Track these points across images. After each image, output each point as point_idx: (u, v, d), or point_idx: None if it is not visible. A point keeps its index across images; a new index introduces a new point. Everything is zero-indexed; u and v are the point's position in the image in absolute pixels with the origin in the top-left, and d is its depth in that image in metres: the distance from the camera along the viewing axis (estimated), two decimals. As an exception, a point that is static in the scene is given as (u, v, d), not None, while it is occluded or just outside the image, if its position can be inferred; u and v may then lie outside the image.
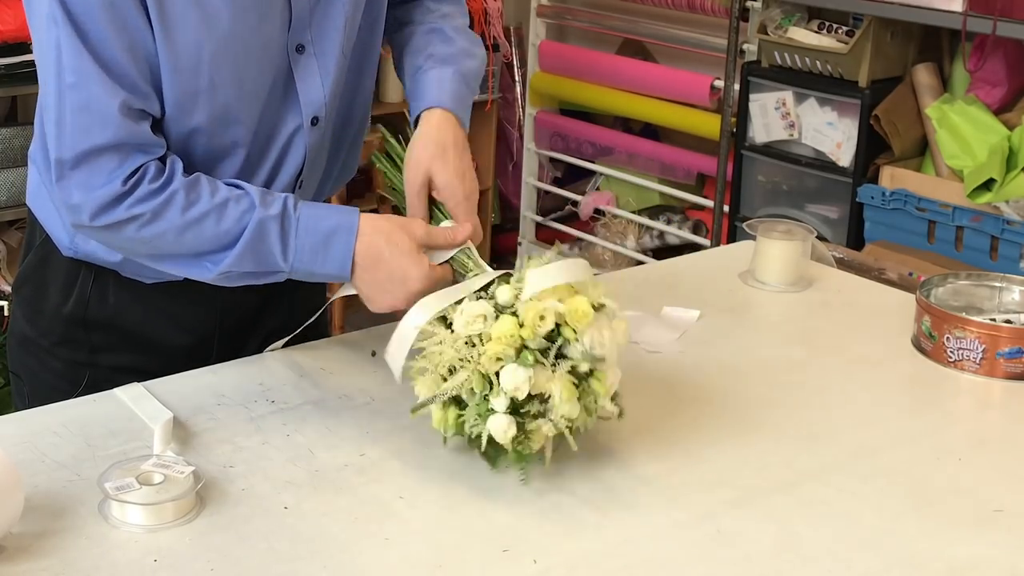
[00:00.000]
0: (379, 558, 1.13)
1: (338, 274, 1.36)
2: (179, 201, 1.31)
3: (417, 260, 1.34)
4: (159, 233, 1.32)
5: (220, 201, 1.32)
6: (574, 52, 4.21)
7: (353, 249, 1.34)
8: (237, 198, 1.33)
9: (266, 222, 1.32)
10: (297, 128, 1.44)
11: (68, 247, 1.47)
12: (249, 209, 1.32)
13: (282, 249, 1.33)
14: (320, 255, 1.34)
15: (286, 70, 1.41)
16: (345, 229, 1.34)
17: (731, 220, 3.56)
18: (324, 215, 1.35)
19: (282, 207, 1.34)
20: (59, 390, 1.47)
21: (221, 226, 1.32)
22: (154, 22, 1.29)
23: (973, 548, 1.19)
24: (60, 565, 1.10)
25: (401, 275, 1.34)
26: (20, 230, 3.33)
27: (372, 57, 1.54)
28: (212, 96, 1.35)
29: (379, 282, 1.35)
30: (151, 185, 1.31)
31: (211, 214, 1.32)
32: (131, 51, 1.29)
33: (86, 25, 1.27)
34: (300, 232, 1.33)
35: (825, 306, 1.79)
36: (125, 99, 1.29)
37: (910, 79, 3.22)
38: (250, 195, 1.34)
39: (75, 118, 1.28)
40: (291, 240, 1.33)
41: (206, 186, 1.33)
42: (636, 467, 1.31)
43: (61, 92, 1.29)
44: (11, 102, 3.44)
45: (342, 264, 1.34)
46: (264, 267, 1.34)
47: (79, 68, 1.27)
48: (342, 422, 1.38)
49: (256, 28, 1.35)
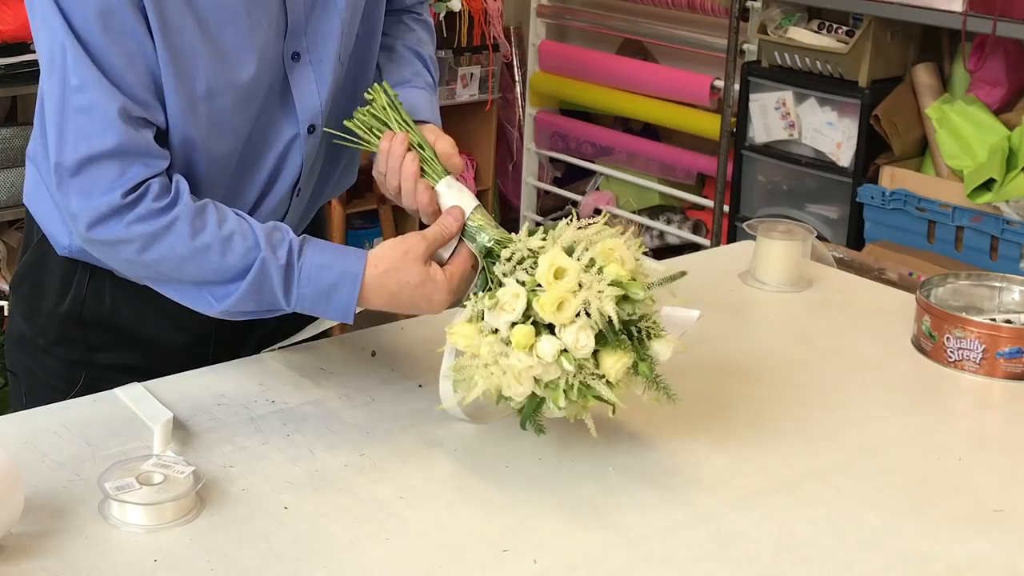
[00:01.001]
0: (379, 558, 1.13)
1: (340, 320, 1.36)
2: (182, 228, 1.30)
3: (433, 284, 1.33)
4: (159, 258, 1.31)
5: (226, 234, 1.31)
6: (574, 52, 4.21)
7: (356, 300, 1.33)
8: (244, 234, 1.31)
9: (270, 268, 1.31)
10: (294, 136, 1.44)
11: (64, 247, 1.47)
12: (254, 247, 1.31)
13: (284, 295, 1.32)
14: (322, 304, 1.34)
15: (282, 78, 1.41)
16: (349, 281, 1.33)
17: (731, 220, 3.56)
18: (328, 265, 1.33)
19: (287, 255, 1.32)
20: (56, 389, 1.47)
21: (225, 260, 1.31)
22: (154, 29, 1.29)
23: (973, 548, 1.19)
24: (60, 565, 1.10)
25: (425, 301, 1.34)
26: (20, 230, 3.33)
27: (370, 65, 1.54)
28: (209, 103, 1.35)
29: (405, 310, 1.36)
30: (154, 204, 1.29)
31: (215, 247, 1.30)
32: (129, 58, 1.29)
33: (85, 33, 1.27)
34: (303, 281, 1.32)
35: (825, 306, 1.79)
36: (124, 104, 1.28)
37: (910, 79, 3.22)
38: (255, 233, 1.32)
39: (77, 121, 1.28)
40: (293, 288, 1.32)
41: (213, 215, 1.31)
42: (636, 467, 1.31)
43: (65, 95, 1.28)
44: (11, 102, 3.44)
45: (344, 313, 1.34)
46: (265, 307, 1.34)
47: (81, 71, 1.27)
48: (342, 422, 1.38)
49: (250, 34, 1.35)
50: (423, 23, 1.65)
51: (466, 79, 4.22)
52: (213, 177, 1.39)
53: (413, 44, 1.60)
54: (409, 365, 1.52)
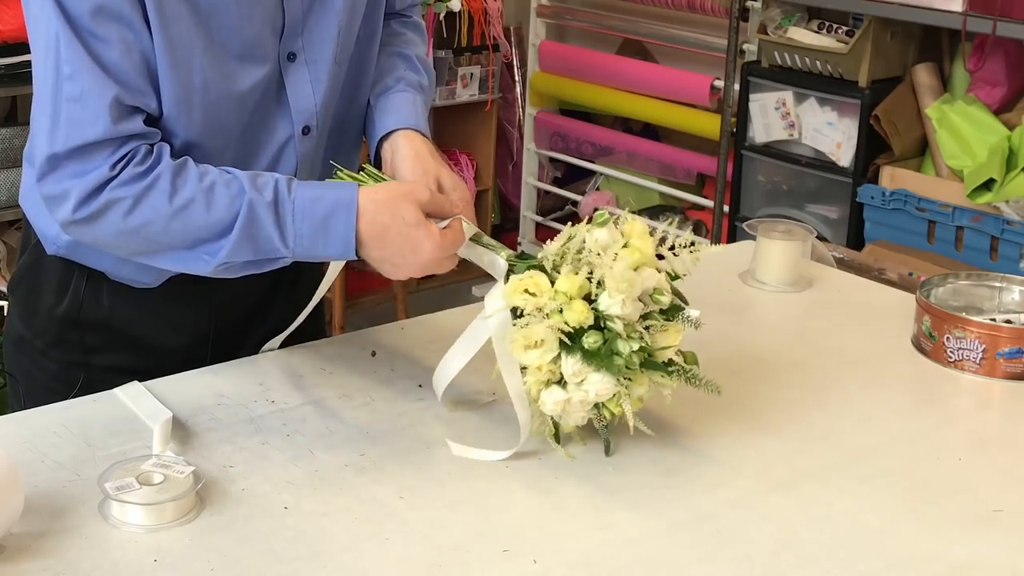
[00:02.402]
0: (379, 558, 1.13)
1: (342, 255, 1.32)
2: (164, 186, 1.28)
3: (426, 230, 1.31)
4: (145, 221, 1.29)
5: (207, 185, 1.29)
6: (574, 52, 4.21)
7: (355, 228, 1.30)
8: (227, 182, 1.30)
9: (258, 208, 1.29)
10: (288, 137, 1.44)
11: (52, 243, 1.46)
12: (239, 193, 1.29)
13: (280, 236, 1.30)
14: (321, 238, 1.31)
15: (277, 77, 1.41)
16: (344, 208, 1.30)
17: (731, 220, 3.56)
18: (321, 195, 1.31)
19: (274, 192, 1.30)
20: (54, 391, 1.47)
21: (212, 213, 1.29)
22: (151, 17, 1.29)
23: (973, 548, 1.19)
24: (60, 565, 1.10)
25: (412, 247, 1.31)
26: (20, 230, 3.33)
27: (369, 68, 1.53)
28: (204, 96, 1.35)
29: (390, 255, 1.32)
30: (136, 168, 1.29)
31: (198, 199, 1.29)
32: (125, 45, 1.28)
33: (79, 21, 1.27)
34: (297, 217, 1.30)
35: (825, 306, 1.79)
36: (117, 95, 1.28)
37: (910, 79, 3.22)
38: (239, 179, 1.30)
39: (69, 110, 1.28)
40: (288, 226, 1.30)
41: (193, 170, 1.30)
42: (636, 467, 1.31)
43: (58, 83, 1.28)
44: (11, 102, 3.44)
45: (345, 245, 1.31)
46: (264, 254, 1.31)
47: (74, 60, 1.27)
48: (342, 422, 1.38)
49: (245, 30, 1.35)
50: (412, 25, 1.64)
51: (466, 79, 4.22)
52: None
53: (399, 47, 1.60)
54: (409, 365, 1.52)
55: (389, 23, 1.62)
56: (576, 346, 1.25)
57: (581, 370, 1.25)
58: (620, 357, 1.25)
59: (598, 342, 1.24)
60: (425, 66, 1.61)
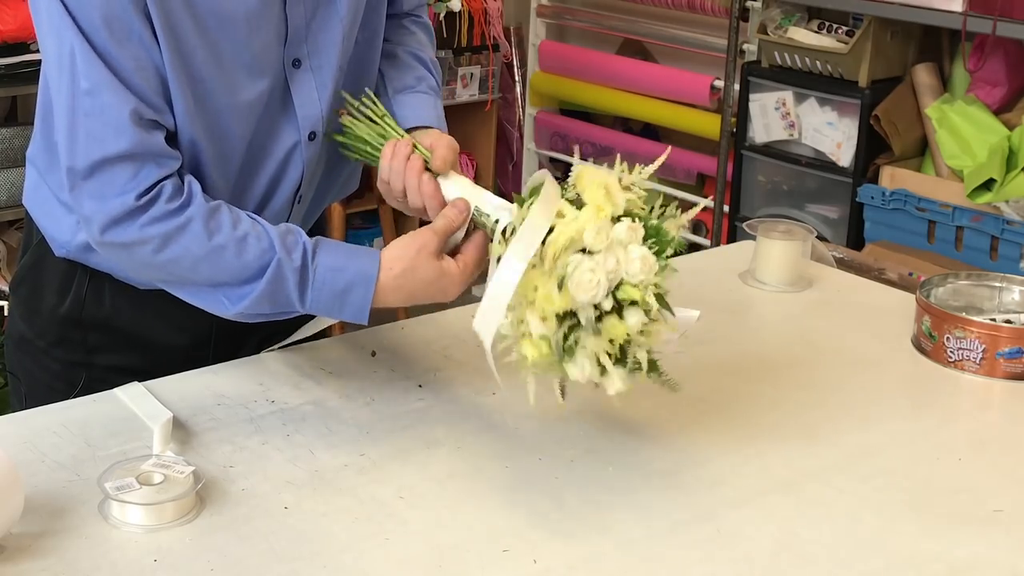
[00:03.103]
0: (379, 558, 1.13)
1: (356, 321, 1.36)
2: (196, 228, 1.30)
3: (448, 280, 1.34)
4: (174, 259, 1.31)
5: (241, 235, 1.31)
6: (574, 52, 4.21)
7: (370, 301, 1.33)
8: (258, 236, 1.32)
9: (286, 270, 1.31)
10: (295, 143, 1.44)
11: (63, 247, 1.47)
12: (269, 249, 1.31)
13: (299, 298, 1.33)
14: (336, 306, 1.34)
15: (283, 85, 1.41)
16: (362, 284, 1.33)
17: (731, 220, 3.56)
18: (342, 266, 1.33)
19: (302, 258, 1.32)
20: (56, 390, 1.47)
21: (240, 262, 1.31)
22: (159, 33, 1.28)
23: (973, 548, 1.19)
24: (60, 565, 1.10)
25: (441, 294, 1.34)
26: (20, 230, 3.33)
27: (371, 71, 1.54)
28: (211, 106, 1.35)
29: (420, 303, 1.37)
30: (168, 205, 1.30)
31: (230, 248, 1.30)
32: (137, 62, 1.28)
33: (92, 37, 1.27)
34: (316, 284, 1.33)
35: (825, 306, 1.79)
36: (136, 107, 1.28)
37: (910, 79, 3.22)
38: (269, 235, 1.32)
39: (88, 124, 1.28)
40: (308, 291, 1.33)
41: (227, 216, 1.32)
42: (636, 467, 1.31)
43: (75, 97, 1.28)
44: (11, 102, 3.44)
45: (359, 313, 1.34)
46: (280, 308, 1.34)
47: (92, 74, 1.27)
48: (342, 422, 1.38)
49: (249, 40, 1.35)
50: (423, 26, 1.65)
51: (466, 79, 4.22)
52: (216, 182, 1.39)
53: (415, 49, 1.60)
54: (409, 365, 1.52)
55: (402, 22, 1.62)
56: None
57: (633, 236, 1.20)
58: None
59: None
60: (436, 69, 1.62)
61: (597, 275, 1.17)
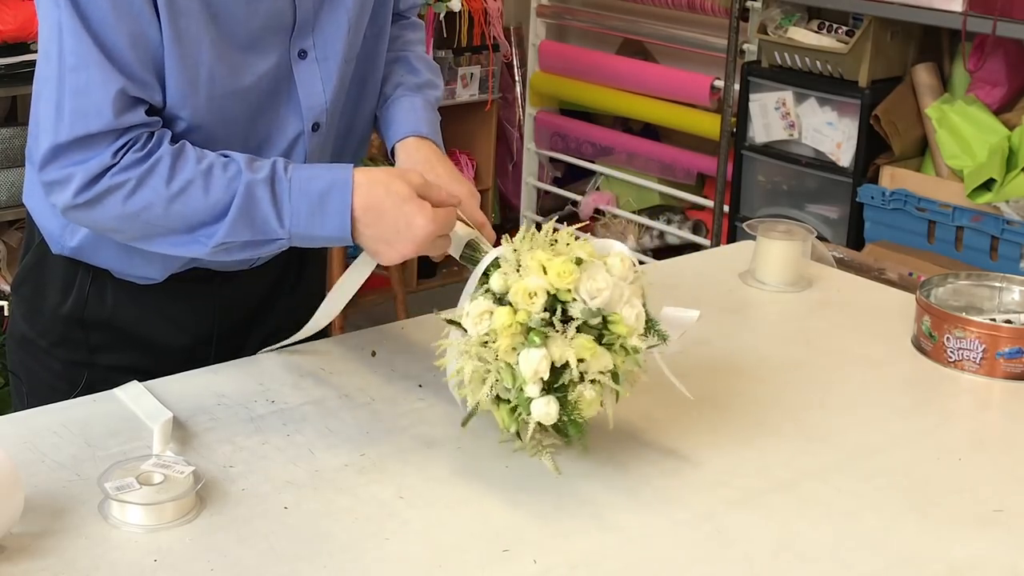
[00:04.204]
0: (379, 558, 1.13)
1: (339, 235, 1.33)
2: (163, 169, 1.29)
3: (419, 205, 1.32)
4: (145, 205, 1.30)
5: (205, 168, 1.30)
6: (574, 52, 4.21)
7: (351, 204, 1.31)
8: (224, 164, 1.31)
9: (255, 187, 1.30)
10: (299, 134, 1.44)
11: (58, 242, 1.47)
12: (236, 175, 1.30)
13: (276, 214, 1.31)
14: (317, 216, 1.31)
15: (288, 74, 1.41)
16: (340, 186, 1.31)
17: (731, 220, 3.56)
18: (317, 174, 1.32)
19: (271, 171, 1.31)
20: (57, 390, 1.47)
21: (210, 195, 1.29)
22: (161, 10, 1.29)
23: (973, 548, 1.19)
24: (60, 565, 1.10)
25: (406, 222, 1.31)
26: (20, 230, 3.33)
27: (378, 65, 1.54)
28: (210, 90, 1.35)
29: (385, 234, 1.32)
30: (136, 154, 1.29)
31: (196, 181, 1.29)
32: (132, 37, 1.29)
33: (88, 10, 1.27)
34: (293, 194, 1.31)
35: (825, 306, 1.79)
36: (123, 86, 1.28)
37: (910, 79, 3.22)
38: (236, 161, 1.31)
39: (73, 102, 1.28)
40: (285, 204, 1.31)
41: (191, 153, 1.31)
42: (636, 467, 1.31)
43: (62, 74, 1.28)
44: (11, 102, 3.44)
45: (341, 222, 1.31)
46: (261, 235, 1.32)
47: (79, 51, 1.27)
48: (342, 422, 1.38)
49: (254, 27, 1.35)
50: (408, 25, 1.65)
51: (466, 79, 4.22)
52: None
53: (394, 51, 1.60)
54: (409, 365, 1.52)
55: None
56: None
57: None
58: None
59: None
60: (424, 63, 1.62)
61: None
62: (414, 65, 1.60)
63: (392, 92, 1.56)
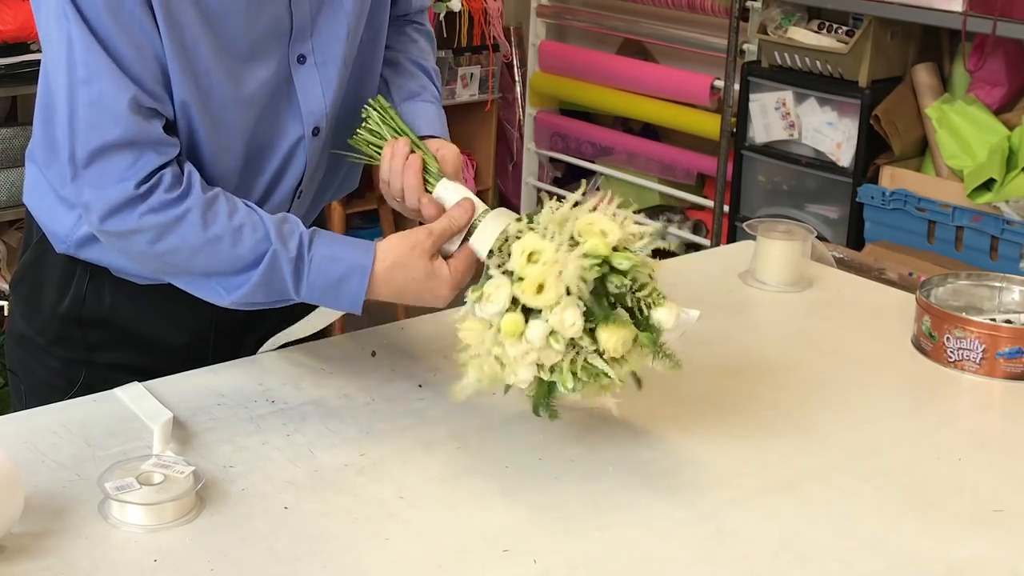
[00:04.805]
0: (379, 558, 1.13)
1: (349, 310, 1.37)
2: (194, 220, 1.31)
3: (438, 280, 1.35)
4: (171, 249, 1.32)
5: (236, 226, 1.32)
6: (574, 52, 4.21)
7: (365, 291, 1.35)
8: (254, 225, 1.33)
9: (280, 260, 1.32)
10: (299, 138, 1.44)
11: (63, 242, 1.47)
12: (264, 239, 1.32)
13: (294, 286, 1.34)
14: (331, 295, 1.36)
15: (287, 80, 1.41)
16: (358, 273, 1.34)
17: (731, 220, 3.56)
18: (338, 257, 1.35)
19: (297, 248, 1.34)
20: (56, 388, 1.47)
21: (235, 251, 1.32)
22: (159, 21, 1.29)
23: (973, 548, 1.19)
24: (60, 565, 1.10)
25: (429, 295, 1.36)
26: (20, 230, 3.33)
27: (374, 69, 1.54)
28: (212, 99, 1.35)
29: (409, 302, 1.38)
30: (166, 195, 1.31)
31: (225, 239, 1.32)
32: (138, 50, 1.29)
33: (94, 22, 1.27)
34: (312, 273, 1.34)
35: (825, 306, 1.79)
36: (135, 95, 1.29)
37: (910, 79, 3.22)
38: (266, 224, 1.33)
39: (87, 113, 1.28)
40: (303, 280, 1.34)
41: (223, 206, 1.33)
42: (636, 467, 1.31)
43: (73, 87, 1.29)
44: (11, 102, 3.44)
45: (354, 303, 1.36)
46: (275, 297, 1.36)
47: (90, 62, 1.28)
48: (342, 422, 1.38)
49: (252, 32, 1.35)
50: (425, 33, 1.65)
51: (466, 79, 4.22)
52: (218, 175, 1.39)
53: (417, 57, 1.61)
54: (409, 365, 1.52)
55: (404, 29, 1.62)
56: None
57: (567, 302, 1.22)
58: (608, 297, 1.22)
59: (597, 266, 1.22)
60: (437, 78, 1.63)
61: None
62: (433, 78, 1.61)
63: (420, 92, 1.57)
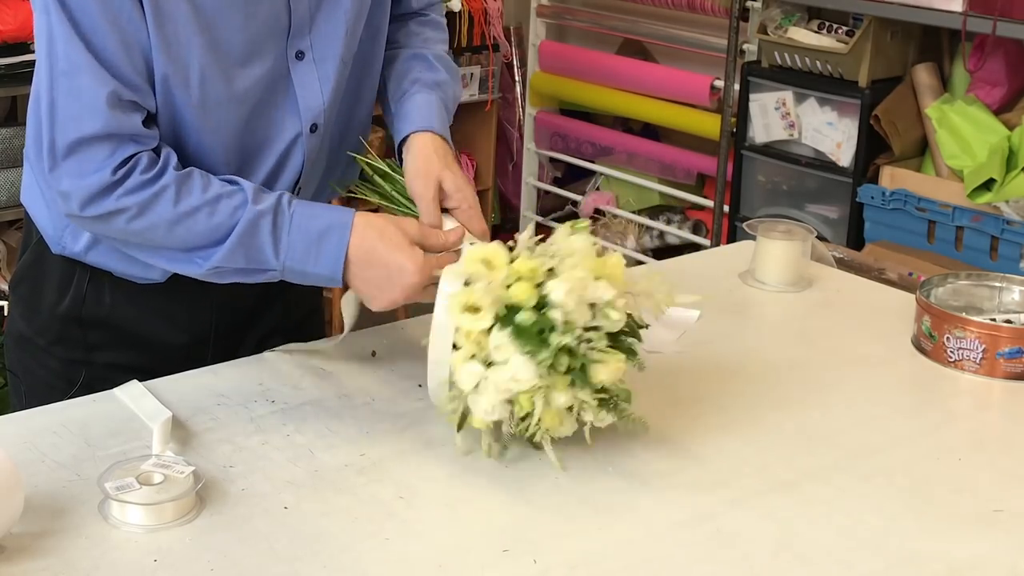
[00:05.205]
0: (379, 558, 1.13)
1: (330, 275, 1.34)
2: (170, 195, 1.31)
3: (411, 253, 1.33)
4: (149, 226, 1.32)
5: (212, 196, 1.32)
6: (574, 52, 4.21)
7: (347, 247, 1.33)
8: (230, 193, 1.33)
9: (258, 218, 1.32)
10: (297, 135, 1.44)
11: (56, 244, 1.47)
12: (242, 205, 1.32)
13: (273, 246, 1.32)
14: (312, 253, 1.33)
15: (285, 76, 1.41)
16: (339, 227, 1.33)
17: (731, 220, 3.56)
18: (318, 213, 1.34)
19: (275, 203, 1.33)
20: (56, 388, 1.47)
21: (212, 221, 1.32)
22: (147, 14, 1.29)
23: (973, 548, 1.19)
24: (60, 565, 1.10)
25: (397, 269, 1.32)
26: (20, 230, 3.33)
27: (374, 67, 1.54)
28: (202, 92, 1.35)
29: (375, 279, 1.34)
30: (142, 176, 1.31)
31: (202, 209, 1.32)
32: (123, 42, 1.29)
33: (78, 15, 1.28)
34: (293, 229, 1.33)
35: (825, 306, 1.79)
36: (114, 89, 1.29)
37: (910, 79, 3.22)
38: (244, 191, 1.33)
39: (66, 105, 1.29)
40: (283, 237, 1.32)
41: (198, 180, 1.33)
42: (636, 467, 1.31)
43: (54, 79, 1.30)
44: (11, 102, 3.44)
45: (335, 263, 1.33)
46: (255, 264, 1.34)
47: (70, 56, 1.28)
48: (342, 422, 1.38)
49: (247, 29, 1.35)
50: (429, 22, 1.64)
51: (466, 79, 4.22)
52: (212, 169, 1.39)
53: (414, 48, 1.60)
54: (409, 365, 1.52)
55: (407, 24, 1.62)
56: (509, 319, 1.23)
57: (506, 347, 1.22)
58: (547, 348, 1.21)
59: (531, 319, 1.22)
60: (443, 62, 1.61)
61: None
62: (432, 62, 1.59)
63: (409, 87, 1.55)
